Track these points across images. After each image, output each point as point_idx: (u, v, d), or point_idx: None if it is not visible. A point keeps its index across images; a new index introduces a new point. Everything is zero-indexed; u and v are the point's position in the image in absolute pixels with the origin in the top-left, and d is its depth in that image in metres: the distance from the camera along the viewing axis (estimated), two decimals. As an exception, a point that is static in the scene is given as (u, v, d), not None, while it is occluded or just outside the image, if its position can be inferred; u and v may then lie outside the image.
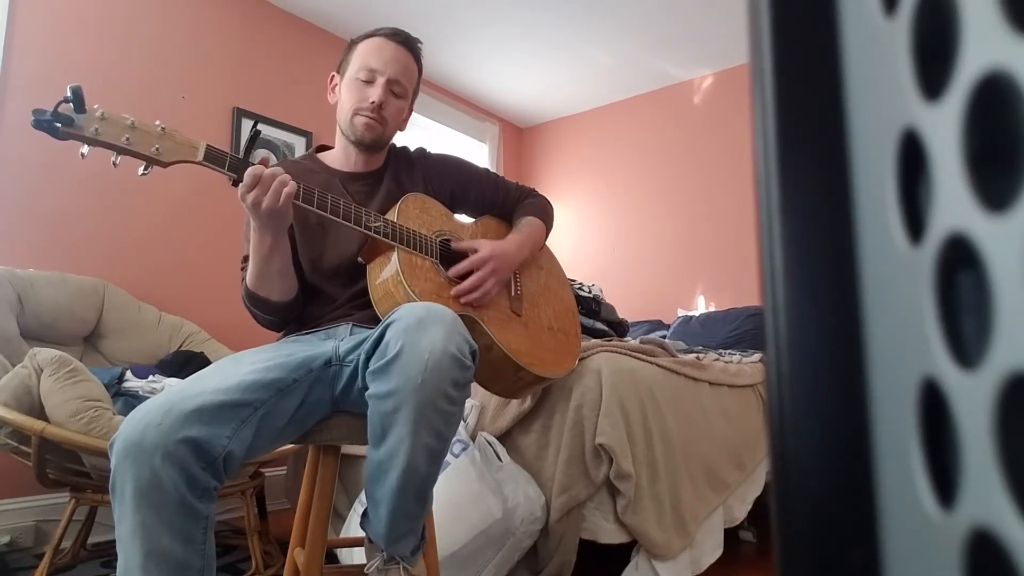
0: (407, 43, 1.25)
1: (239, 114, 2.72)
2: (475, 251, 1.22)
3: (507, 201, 1.41)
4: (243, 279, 1.18)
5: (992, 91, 0.18)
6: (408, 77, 1.24)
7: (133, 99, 2.39)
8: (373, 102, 1.19)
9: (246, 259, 1.19)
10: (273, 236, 1.05)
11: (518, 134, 4.40)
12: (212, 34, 2.68)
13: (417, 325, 0.90)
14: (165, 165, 0.95)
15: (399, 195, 1.22)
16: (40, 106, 0.86)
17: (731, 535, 1.95)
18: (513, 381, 1.25)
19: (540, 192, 1.49)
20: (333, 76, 1.28)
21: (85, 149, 0.90)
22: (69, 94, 0.86)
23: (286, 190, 0.99)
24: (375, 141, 1.23)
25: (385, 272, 1.11)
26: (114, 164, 0.92)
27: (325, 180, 1.22)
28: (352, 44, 1.26)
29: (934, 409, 0.20)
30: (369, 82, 1.20)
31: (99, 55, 2.33)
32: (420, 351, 0.87)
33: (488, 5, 2.94)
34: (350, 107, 1.21)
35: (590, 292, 2.18)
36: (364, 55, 1.22)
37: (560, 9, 2.96)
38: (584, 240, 3.99)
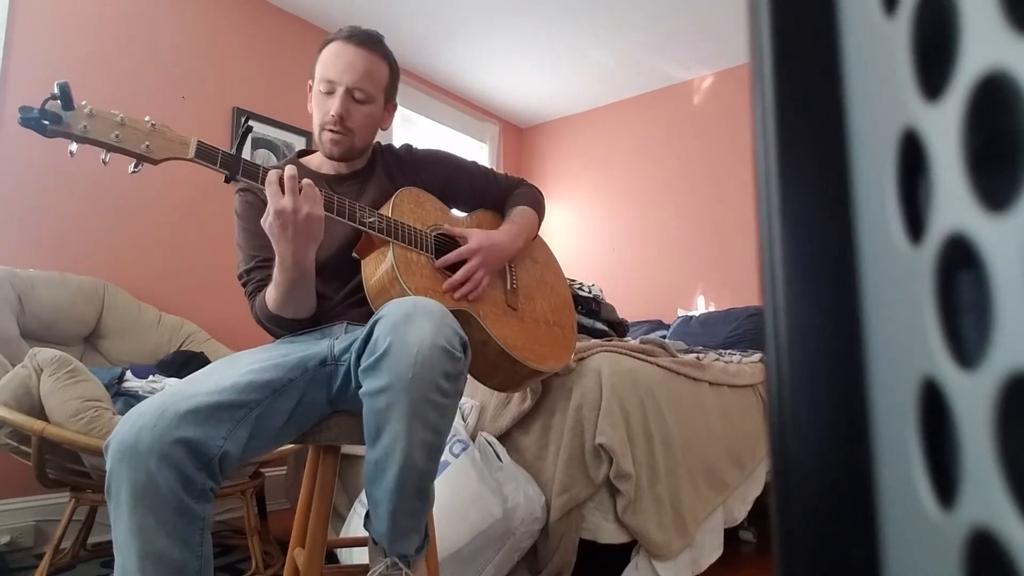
0: (366, 43, 1.17)
1: (239, 114, 2.72)
2: (465, 240, 1.21)
3: (498, 192, 1.40)
4: (248, 293, 1.16)
5: (992, 91, 0.18)
6: (372, 80, 1.17)
7: (133, 99, 2.39)
8: (333, 115, 1.14)
9: (248, 272, 1.17)
10: (315, 245, 1.03)
11: (518, 134, 4.40)
12: (211, 34, 2.68)
13: (405, 320, 0.89)
14: (156, 162, 0.93)
15: (391, 191, 1.21)
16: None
17: (731, 535, 1.95)
18: (510, 375, 1.25)
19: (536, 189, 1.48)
20: (309, 84, 1.22)
21: (74, 147, 0.88)
22: (56, 91, 0.84)
23: (317, 193, 1.00)
24: (345, 155, 1.19)
25: (381, 268, 1.10)
26: (103, 162, 0.90)
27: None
28: (319, 48, 1.20)
29: (934, 409, 0.20)
30: (329, 93, 1.15)
31: (99, 55, 2.33)
32: (409, 345, 0.86)
33: (488, 5, 2.94)
34: (317, 122, 1.18)
35: (590, 292, 2.18)
36: (323, 63, 1.17)
37: (560, 9, 2.96)
38: (584, 240, 3.99)
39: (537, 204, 1.41)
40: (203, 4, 2.66)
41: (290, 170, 0.98)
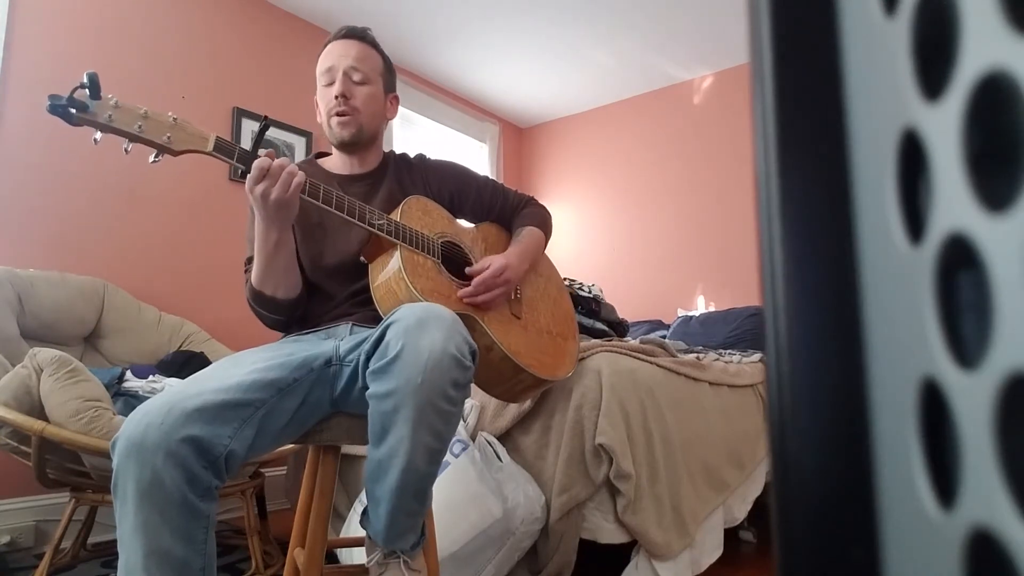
0: (352, 34, 1.25)
1: (239, 114, 2.72)
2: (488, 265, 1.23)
3: (505, 207, 1.42)
4: (247, 281, 1.18)
5: (992, 91, 0.18)
6: (366, 63, 1.24)
7: (133, 99, 2.37)
8: (337, 96, 1.20)
9: (249, 261, 1.19)
10: (279, 230, 1.05)
11: (518, 134, 4.40)
12: (212, 34, 2.68)
13: (417, 325, 0.90)
14: (176, 153, 0.97)
15: (400, 197, 1.23)
16: (39, 107, 0.87)
17: (731, 535, 1.95)
18: (513, 384, 1.26)
19: (540, 195, 1.50)
20: (315, 100, 1.29)
21: (98, 135, 0.91)
22: (85, 80, 0.88)
23: (295, 180, 1.00)
24: (355, 136, 1.23)
25: (387, 270, 1.11)
26: (126, 151, 0.95)
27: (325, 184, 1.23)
28: (317, 58, 1.28)
29: (934, 409, 0.20)
30: (330, 84, 1.22)
31: (99, 55, 2.33)
32: (420, 351, 0.87)
33: (488, 5, 2.94)
34: (323, 112, 1.24)
35: (590, 292, 2.18)
36: (320, 63, 1.25)
37: (560, 9, 2.96)
38: (584, 240, 3.99)
39: (544, 224, 1.44)
40: (203, 4, 2.66)
41: (282, 161, 1.01)
